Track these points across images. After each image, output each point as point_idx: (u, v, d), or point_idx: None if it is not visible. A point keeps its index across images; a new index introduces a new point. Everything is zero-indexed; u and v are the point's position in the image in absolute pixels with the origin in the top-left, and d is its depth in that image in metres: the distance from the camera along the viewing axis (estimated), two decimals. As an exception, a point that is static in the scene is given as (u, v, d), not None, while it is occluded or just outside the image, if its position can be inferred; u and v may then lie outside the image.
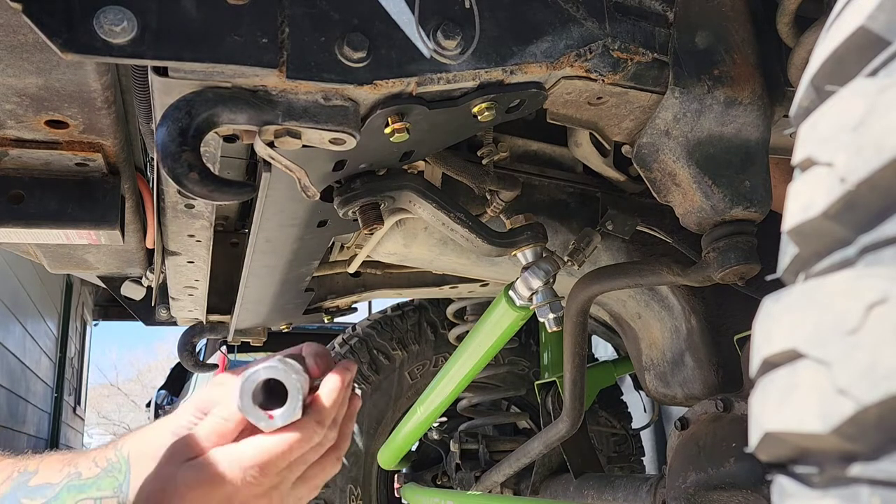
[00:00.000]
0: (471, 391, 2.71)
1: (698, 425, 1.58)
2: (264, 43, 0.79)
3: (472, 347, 1.75)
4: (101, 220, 1.26)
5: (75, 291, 10.67)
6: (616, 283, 1.38)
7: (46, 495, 0.97)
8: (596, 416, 2.90)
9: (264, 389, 0.79)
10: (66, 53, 0.72)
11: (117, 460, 0.96)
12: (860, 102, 0.41)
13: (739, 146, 1.10)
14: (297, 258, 1.47)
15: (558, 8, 0.96)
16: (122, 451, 0.97)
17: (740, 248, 1.13)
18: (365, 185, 1.10)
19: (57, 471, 0.99)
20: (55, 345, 9.95)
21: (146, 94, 1.08)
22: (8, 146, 1.11)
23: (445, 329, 2.91)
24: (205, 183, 0.82)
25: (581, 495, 2.06)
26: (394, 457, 2.61)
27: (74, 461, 1.00)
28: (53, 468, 1.00)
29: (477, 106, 0.96)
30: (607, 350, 3.47)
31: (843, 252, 0.42)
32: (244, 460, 0.77)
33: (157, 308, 2.16)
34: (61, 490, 0.97)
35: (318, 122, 0.85)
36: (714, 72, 1.04)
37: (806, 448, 0.41)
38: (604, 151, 1.45)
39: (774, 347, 0.43)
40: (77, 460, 1.00)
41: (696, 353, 1.66)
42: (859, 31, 0.43)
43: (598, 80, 1.00)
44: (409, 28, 0.86)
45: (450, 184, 1.38)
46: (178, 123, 0.79)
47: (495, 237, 1.22)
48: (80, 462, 0.99)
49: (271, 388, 0.79)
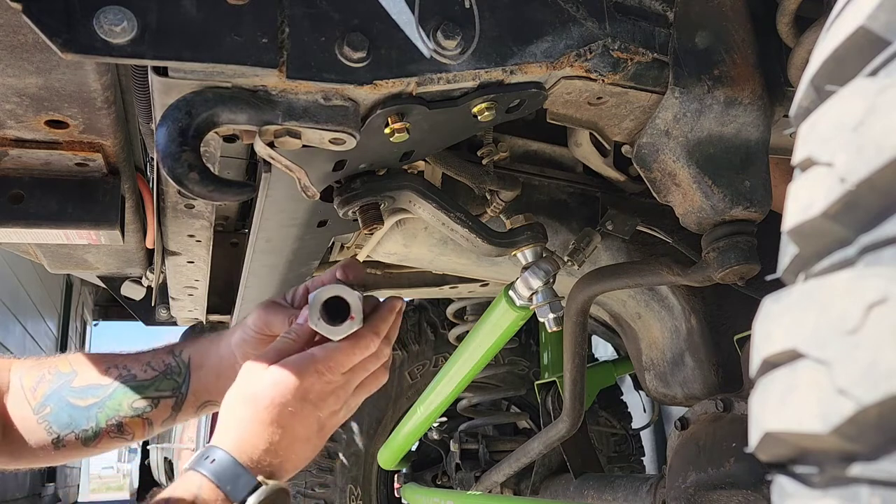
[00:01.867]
0: (471, 391, 2.71)
1: (698, 425, 1.58)
2: (264, 43, 0.79)
3: (472, 347, 1.75)
4: (101, 220, 1.25)
5: (75, 291, 10.68)
6: (616, 283, 1.39)
7: (98, 395, 1.03)
8: (596, 416, 2.90)
9: (325, 307, 0.92)
10: (66, 53, 0.72)
11: (176, 364, 1.07)
12: (860, 102, 0.41)
13: (739, 146, 1.10)
14: (297, 258, 1.47)
15: (558, 8, 0.96)
16: (181, 357, 1.07)
17: (740, 248, 1.13)
18: (365, 185, 1.10)
19: (102, 371, 1.05)
20: (55, 345, 9.95)
21: (146, 94, 1.08)
22: (8, 146, 1.11)
23: (445, 329, 2.91)
24: (205, 183, 0.83)
25: (581, 495, 2.06)
26: (394, 457, 2.61)
27: (122, 363, 1.06)
28: (96, 368, 1.06)
29: (477, 106, 0.96)
30: (607, 350, 3.47)
31: (843, 252, 0.42)
32: (317, 359, 0.89)
33: (157, 308, 2.16)
34: (115, 390, 1.04)
35: (318, 122, 0.85)
36: (714, 72, 1.04)
37: (806, 448, 0.41)
38: (604, 151, 1.45)
39: (774, 347, 0.43)
40: (125, 362, 1.06)
41: (696, 353, 1.66)
42: (859, 31, 0.43)
43: (598, 80, 1.00)
44: (409, 28, 0.86)
45: (450, 184, 1.38)
46: (178, 123, 0.79)
47: (495, 237, 1.22)
48: (130, 364, 1.06)
49: (329, 306, 0.93)
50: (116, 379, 1.04)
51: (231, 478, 0.82)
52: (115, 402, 1.03)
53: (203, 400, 1.08)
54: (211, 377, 1.07)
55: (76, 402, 1.03)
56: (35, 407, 1.02)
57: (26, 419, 1.02)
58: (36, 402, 1.03)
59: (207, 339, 1.11)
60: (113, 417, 1.03)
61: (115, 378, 1.05)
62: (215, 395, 1.07)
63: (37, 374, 1.05)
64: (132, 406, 1.04)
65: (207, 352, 1.08)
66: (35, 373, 1.06)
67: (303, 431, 0.88)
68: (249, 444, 0.85)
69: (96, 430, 1.03)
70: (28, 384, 1.04)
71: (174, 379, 1.06)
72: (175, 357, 1.07)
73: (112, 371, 1.05)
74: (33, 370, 1.06)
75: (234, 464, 0.83)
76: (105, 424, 1.03)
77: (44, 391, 1.04)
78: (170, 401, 1.05)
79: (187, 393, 1.06)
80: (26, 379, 1.05)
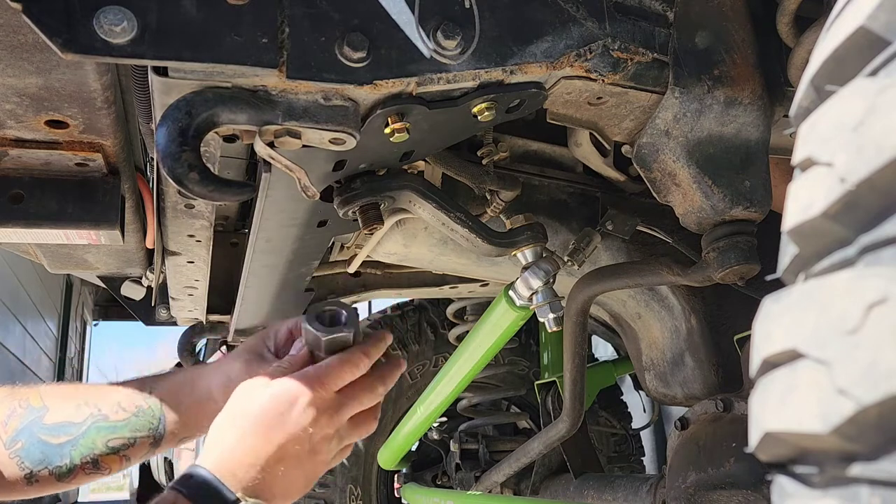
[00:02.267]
0: (471, 391, 2.71)
1: (698, 425, 1.58)
2: (264, 43, 0.79)
3: (472, 347, 1.75)
4: (101, 220, 1.25)
5: (75, 291, 10.67)
6: (616, 283, 1.38)
7: (71, 433, 1.01)
8: (596, 416, 2.90)
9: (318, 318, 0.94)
10: (66, 53, 0.72)
11: (148, 406, 1.04)
12: (860, 102, 0.41)
13: (739, 146, 1.10)
14: (297, 258, 1.47)
15: (558, 8, 0.96)
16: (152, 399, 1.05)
17: (740, 248, 1.13)
18: (365, 185, 1.10)
19: (73, 408, 1.03)
20: (55, 345, 9.95)
21: (146, 94, 1.08)
22: (8, 146, 1.11)
23: (445, 329, 2.91)
24: (205, 183, 0.83)
25: (581, 495, 2.06)
26: (394, 457, 2.61)
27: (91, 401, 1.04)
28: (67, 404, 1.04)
29: (477, 106, 0.96)
30: (607, 350, 3.47)
31: (843, 252, 0.42)
32: (308, 374, 0.89)
33: (157, 308, 2.16)
34: (88, 429, 1.01)
35: (318, 122, 0.85)
36: (714, 72, 1.04)
37: (806, 448, 0.41)
38: (604, 151, 1.45)
39: (774, 347, 0.43)
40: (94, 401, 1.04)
41: (696, 353, 1.66)
42: (859, 31, 0.43)
43: (598, 80, 1.00)
44: (409, 28, 0.86)
45: (450, 184, 1.38)
46: (178, 123, 0.79)
47: (495, 237, 1.22)
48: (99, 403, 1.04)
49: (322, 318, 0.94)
50: (89, 418, 1.02)
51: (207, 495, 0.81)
52: (89, 441, 1.01)
53: (181, 437, 1.06)
54: (188, 416, 1.06)
55: (48, 440, 1.00)
56: (6, 441, 0.99)
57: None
58: (7, 437, 0.99)
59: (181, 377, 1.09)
60: (88, 455, 1.01)
61: (87, 416, 1.02)
62: (195, 431, 1.07)
63: (8, 407, 1.02)
64: (107, 445, 1.01)
65: (181, 393, 1.06)
66: (7, 404, 1.02)
67: (292, 448, 0.86)
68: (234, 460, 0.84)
69: (70, 466, 1.00)
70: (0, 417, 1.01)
71: (148, 420, 1.04)
72: (146, 399, 1.05)
73: (83, 409, 1.02)
74: (5, 402, 1.03)
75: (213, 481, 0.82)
76: (80, 461, 1.00)
77: (14, 426, 1.00)
78: (147, 440, 1.03)
79: (165, 433, 1.04)
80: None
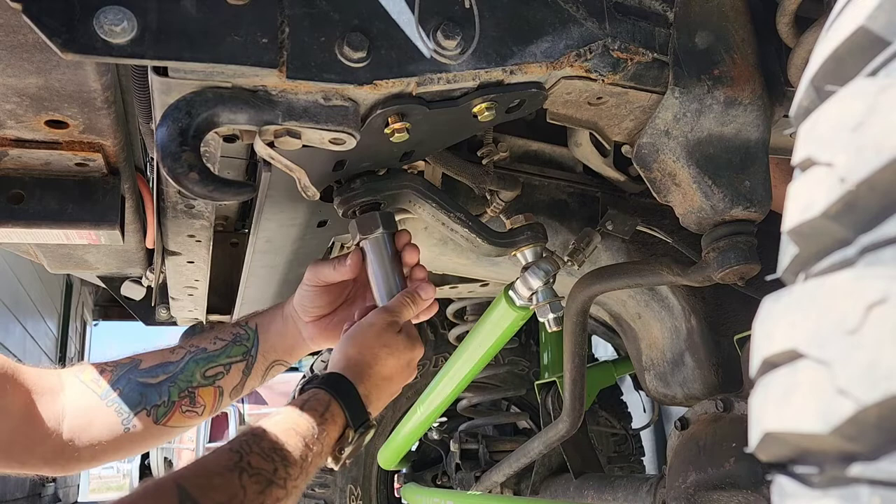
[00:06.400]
0: (471, 391, 2.71)
1: (698, 425, 1.58)
2: (264, 43, 0.79)
3: (472, 347, 1.75)
4: (101, 220, 1.25)
5: (75, 291, 10.67)
6: (616, 283, 1.38)
7: (170, 371, 1.08)
8: (596, 416, 2.90)
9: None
10: (66, 53, 0.72)
11: (244, 332, 1.15)
12: (860, 102, 0.41)
13: (739, 146, 1.10)
14: (297, 258, 1.47)
15: (558, 8, 0.96)
16: (248, 325, 1.17)
17: (740, 248, 1.13)
18: (365, 185, 1.10)
19: (168, 352, 1.10)
20: (55, 345, 9.95)
21: (146, 94, 1.08)
22: (8, 146, 1.10)
23: (445, 329, 2.91)
24: (205, 183, 0.83)
25: (581, 495, 2.06)
26: (394, 457, 2.61)
27: (188, 343, 1.12)
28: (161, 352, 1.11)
29: (477, 106, 0.96)
30: (607, 350, 3.47)
31: (843, 252, 0.42)
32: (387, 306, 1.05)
33: (157, 308, 2.16)
34: (186, 364, 1.09)
35: (318, 122, 0.85)
36: (714, 72, 1.04)
37: (806, 448, 0.41)
38: (604, 151, 1.45)
39: (774, 347, 0.43)
40: (191, 342, 1.12)
41: (696, 353, 1.66)
42: (859, 31, 0.43)
43: (598, 80, 1.00)
44: (409, 28, 0.86)
45: (450, 184, 1.38)
46: (178, 123, 0.79)
47: (495, 237, 1.22)
48: (196, 342, 1.12)
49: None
50: (187, 354, 1.10)
51: (355, 409, 0.92)
52: (188, 374, 1.08)
53: (271, 360, 1.15)
54: (277, 338, 1.16)
55: (147, 381, 1.07)
56: (102, 393, 1.05)
57: (91, 408, 1.04)
58: (102, 390, 1.05)
59: (269, 308, 1.21)
60: (185, 389, 1.07)
61: (184, 354, 1.10)
62: (282, 353, 1.17)
63: (94, 370, 1.08)
64: (205, 375, 1.09)
65: (272, 316, 1.18)
66: (91, 369, 1.08)
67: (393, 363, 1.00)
68: (363, 379, 0.96)
69: (169, 404, 1.07)
70: (88, 378, 1.06)
71: (243, 345, 1.13)
72: (242, 326, 1.16)
73: (179, 350, 1.11)
74: (87, 368, 1.08)
75: (357, 396, 0.94)
76: (178, 397, 1.07)
77: (108, 379, 1.06)
78: (241, 364, 1.12)
79: (256, 355, 1.14)
80: (84, 374, 1.07)
